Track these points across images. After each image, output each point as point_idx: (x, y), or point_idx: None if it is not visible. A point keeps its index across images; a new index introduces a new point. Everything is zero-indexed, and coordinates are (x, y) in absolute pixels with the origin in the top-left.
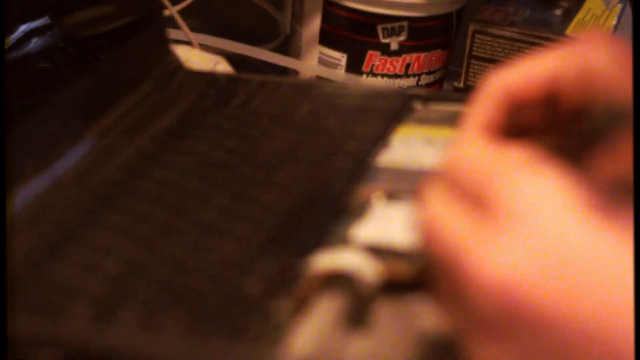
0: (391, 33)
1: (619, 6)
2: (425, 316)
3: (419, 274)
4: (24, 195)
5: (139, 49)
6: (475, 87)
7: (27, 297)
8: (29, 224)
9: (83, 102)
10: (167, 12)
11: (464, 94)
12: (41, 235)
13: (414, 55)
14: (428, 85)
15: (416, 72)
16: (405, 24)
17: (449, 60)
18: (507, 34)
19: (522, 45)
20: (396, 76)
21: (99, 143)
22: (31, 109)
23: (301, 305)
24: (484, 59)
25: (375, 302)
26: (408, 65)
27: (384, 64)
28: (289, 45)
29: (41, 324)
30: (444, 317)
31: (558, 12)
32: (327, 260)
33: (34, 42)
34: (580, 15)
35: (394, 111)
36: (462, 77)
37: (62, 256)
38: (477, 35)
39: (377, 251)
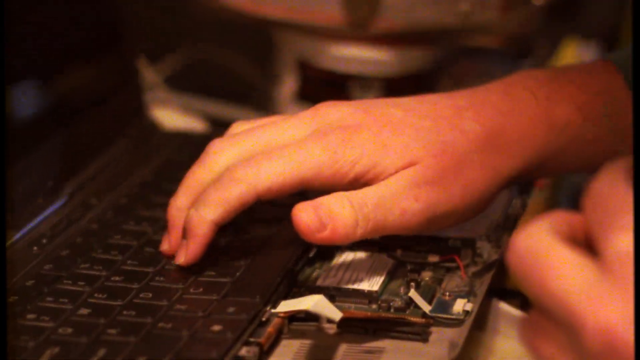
0: (365, 91)
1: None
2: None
3: (378, 314)
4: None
5: (116, 108)
6: None
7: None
8: (7, 273)
9: (60, 158)
10: (149, 79)
11: None
12: (16, 284)
13: None
14: None
15: None
16: (378, 83)
17: None
18: None
19: None
20: None
21: (75, 198)
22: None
23: (266, 347)
24: None
25: (336, 341)
26: None
27: None
28: (265, 105)
29: None
30: None
31: (530, 63)
32: (291, 303)
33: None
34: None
35: None
36: None
37: (36, 303)
38: (450, 91)
39: (340, 294)
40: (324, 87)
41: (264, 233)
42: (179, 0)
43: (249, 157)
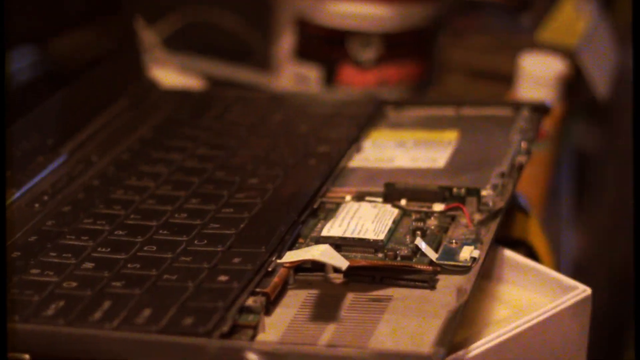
0: (364, 47)
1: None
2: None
3: (384, 262)
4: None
5: (116, 68)
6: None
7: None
8: (8, 230)
9: (59, 117)
10: (148, 39)
11: (436, 98)
12: (19, 240)
13: (388, 68)
14: None
15: (390, 85)
16: (378, 38)
17: (424, 72)
18: (479, 43)
19: (494, 52)
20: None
21: (75, 155)
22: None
23: (273, 297)
24: (457, 68)
25: (343, 290)
26: (382, 79)
27: (358, 78)
28: (263, 63)
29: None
30: None
31: (529, 17)
32: (297, 253)
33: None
34: (552, 21)
35: (367, 116)
36: (437, 87)
37: (39, 258)
38: (449, 45)
39: (345, 244)
40: (322, 44)
41: (267, 186)
42: None
43: None
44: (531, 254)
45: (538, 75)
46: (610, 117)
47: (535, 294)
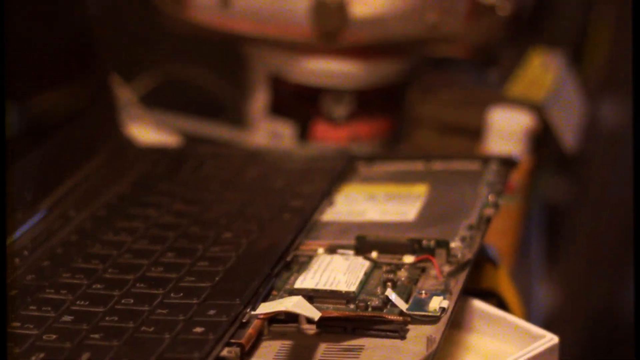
0: (337, 104)
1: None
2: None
3: (356, 313)
4: None
5: (93, 125)
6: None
7: None
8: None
9: (38, 173)
10: (124, 97)
11: (406, 153)
12: None
13: (360, 124)
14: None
15: (362, 141)
16: (350, 95)
17: (394, 127)
18: (447, 98)
19: (463, 107)
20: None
21: (54, 211)
22: None
23: (248, 347)
24: (426, 123)
25: (316, 341)
26: (354, 135)
27: (331, 134)
28: (237, 120)
29: None
30: None
31: (496, 72)
32: (270, 305)
33: None
34: (520, 76)
35: (339, 171)
36: (407, 141)
37: (19, 312)
38: (419, 101)
39: (318, 295)
40: (295, 101)
41: (241, 240)
42: (152, 20)
43: None
44: (502, 305)
45: (506, 129)
46: (579, 170)
47: (503, 343)
